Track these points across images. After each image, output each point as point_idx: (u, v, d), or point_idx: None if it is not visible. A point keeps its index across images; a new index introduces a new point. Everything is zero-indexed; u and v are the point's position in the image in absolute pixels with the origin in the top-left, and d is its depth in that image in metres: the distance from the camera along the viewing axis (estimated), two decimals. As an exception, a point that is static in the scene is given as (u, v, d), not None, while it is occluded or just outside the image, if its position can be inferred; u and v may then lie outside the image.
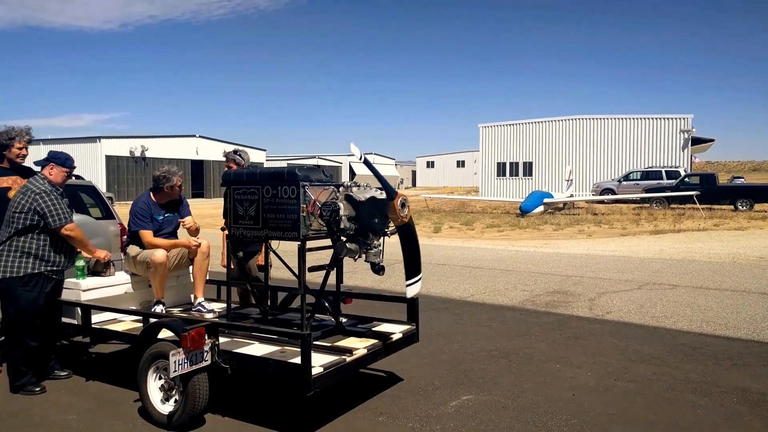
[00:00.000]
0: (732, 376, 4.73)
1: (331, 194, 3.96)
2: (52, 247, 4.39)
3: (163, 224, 5.11)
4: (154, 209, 5.06)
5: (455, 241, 15.55)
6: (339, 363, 3.72)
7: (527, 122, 37.73)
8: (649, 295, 7.94)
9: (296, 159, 64.02)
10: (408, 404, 4.19)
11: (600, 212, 24.21)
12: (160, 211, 5.10)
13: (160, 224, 5.08)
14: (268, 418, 3.94)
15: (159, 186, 5.07)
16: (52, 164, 4.46)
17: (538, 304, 7.52)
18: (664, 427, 3.79)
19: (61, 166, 4.48)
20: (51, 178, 4.43)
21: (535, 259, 11.74)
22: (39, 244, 4.35)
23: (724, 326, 6.32)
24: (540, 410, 4.06)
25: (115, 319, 4.72)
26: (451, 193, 42.23)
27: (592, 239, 15.43)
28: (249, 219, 4.09)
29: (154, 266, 4.77)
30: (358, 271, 9.21)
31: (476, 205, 30.08)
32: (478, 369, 4.97)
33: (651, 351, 5.44)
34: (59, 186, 4.47)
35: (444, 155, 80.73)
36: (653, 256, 11.84)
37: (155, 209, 5.07)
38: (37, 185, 4.34)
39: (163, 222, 5.11)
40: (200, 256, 5.04)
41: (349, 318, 4.75)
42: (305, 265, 3.92)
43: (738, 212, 22.33)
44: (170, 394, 3.79)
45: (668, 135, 33.33)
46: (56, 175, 4.46)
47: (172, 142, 46.75)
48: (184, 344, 3.53)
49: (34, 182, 4.37)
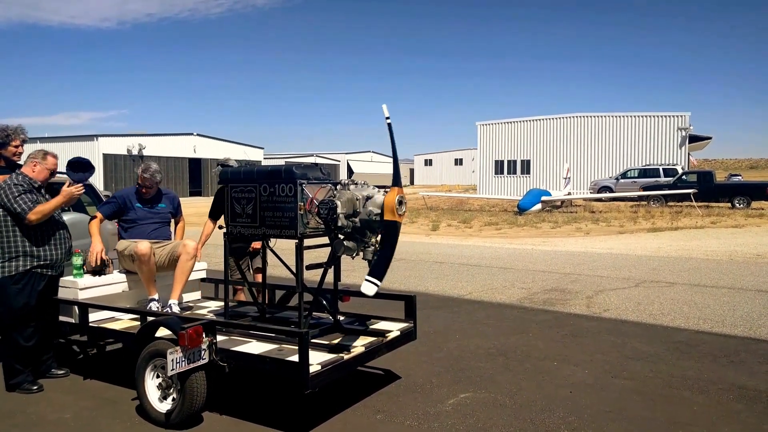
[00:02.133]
0: (729, 374, 4.74)
1: (329, 192, 3.96)
2: (38, 242, 4.37)
3: (139, 214, 5.08)
4: (131, 198, 5.10)
5: (453, 239, 15.56)
6: (337, 361, 3.72)
7: (525, 120, 37.74)
8: (647, 293, 7.96)
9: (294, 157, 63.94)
10: (406, 402, 4.20)
11: (598, 210, 24.24)
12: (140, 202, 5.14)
13: (135, 213, 5.07)
14: (266, 416, 3.94)
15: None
16: (35, 161, 4.46)
17: (535, 302, 7.53)
18: (661, 425, 3.80)
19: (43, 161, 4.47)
20: (33, 174, 4.44)
21: (533, 257, 11.75)
22: (24, 240, 4.32)
23: (720, 323, 6.33)
24: (537, 408, 4.06)
25: (112, 318, 4.71)
26: (449, 191, 42.24)
27: (589, 237, 15.45)
28: (246, 217, 4.09)
29: (138, 258, 4.73)
30: (356, 269, 9.22)
31: (474, 203, 30.09)
32: (475, 367, 4.97)
33: (648, 348, 5.45)
34: (41, 182, 4.46)
35: (442, 153, 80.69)
36: (651, 254, 11.86)
37: (133, 199, 5.11)
38: (5, 181, 4.34)
39: (141, 213, 5.08)
40: (184, 257, 4.93)
41: (346, 316, 4.75)
42: (303, 263, 3.92)
43: (735, 210, 22.38)
44: (168, 393, 3.79)
45: (666, 133, 33.37)
46: (39, 172, 4.47)
47: (170, 140, 46.67)
48: (182, 342, 3.52)
49: (6, 179, 4.37)
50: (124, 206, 5.05)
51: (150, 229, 5.08)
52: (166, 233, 5.21)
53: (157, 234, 5.10)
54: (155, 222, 5.14)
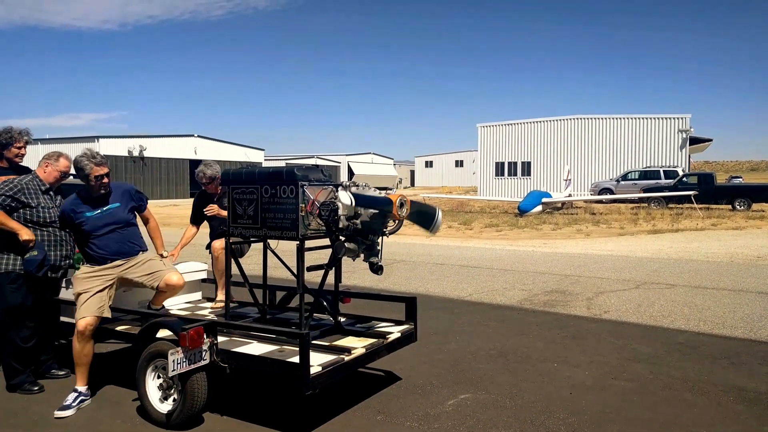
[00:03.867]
0: (729, 375, 4.75)
1: (330, 194, 3.97)
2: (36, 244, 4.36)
3: (90, 219, 4.22)
4: (76, 205, 4.24)
5: (454, 241, 15.56)
6: (337, 362, 3.73)
7: (526, 122, 37.74)
8: (647, 295, 7.96)
9: (295, 159, 63.98)
10: (406, 403, 4.21)
11: (598, 212, 24.23)
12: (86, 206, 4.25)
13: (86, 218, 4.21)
14: (267, 417, 3.95)
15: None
16: (47, 162, 4.49)
17: (536, 304, 7.53)
18: (661, 426, 3.80)
19: (55, 163, 4.50)
20: (44, 176, 4.47)
21: (534, 259, 11.75)
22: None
23: (721, 325, 6.34)
24: (537, 409, 4.07)
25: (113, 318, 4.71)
26: (450, 193, 42.22)
27: (590, 239, 15.45)
28: (248, 218, 4.10)
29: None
30: (357, 271, 9.22)
31: (475, 205, 30.09)
32: (476, 368, 4.98)
33: (648, 350, 5.46)
34: (50, 184, 4.48)
35: (442, 155, 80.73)
36: (651, 256, 11.86)
37: (79, 205, 4.24)
38: (4, 182, 4.34)
39: (91, 217, 4.23)
40: (168, 293, 4.38)
41: (347, 317, 4.76)
42: (304, 265, 3.93)
43: (736, 212, 22.37)
44: (169, 393, 3.79)
45: (666, 135, 33.37)
46: (49, 173, 4.49)
47: (171, 141, 46.68)
48: (183, 343, 3.53)
49: (6, 180, 4.38)
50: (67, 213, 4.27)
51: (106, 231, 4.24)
52: (118, 231, 4.32)
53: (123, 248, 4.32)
54: (112, 228, 4.28)
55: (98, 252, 4.25)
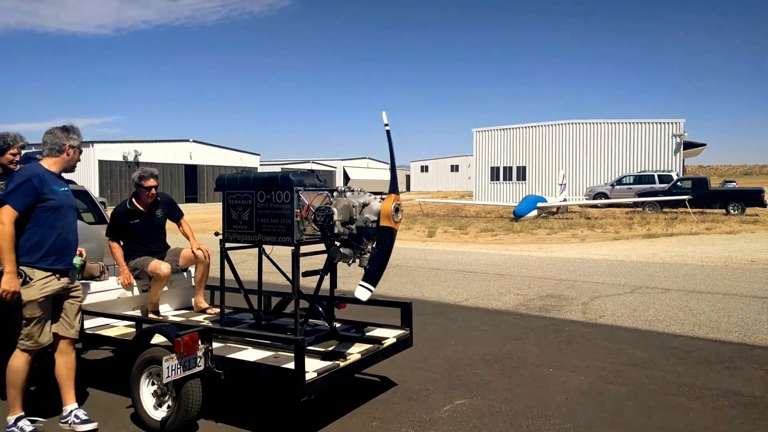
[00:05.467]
0: (723, 379, 4.76)
1: (325, 199, 3.97)
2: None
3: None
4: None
5: (449, 246, 15.57)
6: (333, 368, 3.72)
7: (521, 127, 37.89)
8: (642, 299, 7.98)
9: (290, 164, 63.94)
10: (402, 409, 4.20)
11: (593, 216, 24.29)
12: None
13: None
14: (262, 423, 3.93)
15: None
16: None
17: (531, 309, 7.54)
18: (656, 431, 3.81)
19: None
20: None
21: (529, 264, 11.77)
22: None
23: (715, 329, 6.35)
24: (533, 414, 4.07)
25: (107, 325, 4.70)
26: (445, 198, 42.28)
27: (585, 243, 15.48)
28: (243, 224, 4.09)
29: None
30: (352, 276, 9.21)
31: (470, 210, 30.12)
32: (471, 373, 4.97)
33: (643, 354, 5.47)
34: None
35: (438, 160, 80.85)
36: (646, 260, 11.89)
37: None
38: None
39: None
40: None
41: (343, 323, 4.75)
42: (299, 270, 3.92)
43: (730, 216, 22.46)
44: (163, 400, 3.77)
45: (660, 139, 33.57)
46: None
47: (166, 146, 46.59)
48: (177, 349, 3.52)
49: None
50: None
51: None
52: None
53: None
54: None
55: None
